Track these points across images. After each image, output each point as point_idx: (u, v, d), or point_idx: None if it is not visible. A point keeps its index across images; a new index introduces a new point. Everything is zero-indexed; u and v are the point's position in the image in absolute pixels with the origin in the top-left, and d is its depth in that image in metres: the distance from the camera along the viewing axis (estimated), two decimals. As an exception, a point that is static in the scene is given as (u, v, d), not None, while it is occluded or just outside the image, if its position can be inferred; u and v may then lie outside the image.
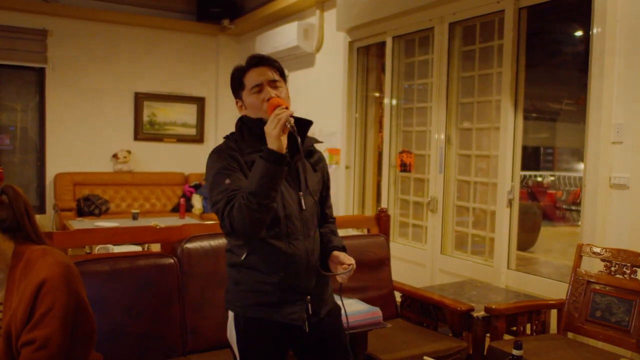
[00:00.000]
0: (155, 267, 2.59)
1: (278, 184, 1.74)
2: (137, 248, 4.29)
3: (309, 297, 1.90)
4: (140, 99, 7.52)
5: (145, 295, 2.52)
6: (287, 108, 1.79)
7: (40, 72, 6.93)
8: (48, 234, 2.56)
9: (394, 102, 4.93)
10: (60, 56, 6.97)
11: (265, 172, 1.70)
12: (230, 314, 1.94)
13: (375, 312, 2.59)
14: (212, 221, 4.18)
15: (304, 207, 1.89)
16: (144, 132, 7.60)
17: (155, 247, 4.08)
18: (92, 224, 5.41)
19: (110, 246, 3.96)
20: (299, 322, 1.88)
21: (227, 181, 1.81)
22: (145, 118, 7.60)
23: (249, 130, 1.93)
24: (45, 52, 6.88)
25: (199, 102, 7.92)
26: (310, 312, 1.91)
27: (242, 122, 1.97)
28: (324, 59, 5.92)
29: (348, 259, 1.91)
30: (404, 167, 4.78)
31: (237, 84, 1.97)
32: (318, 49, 5.98)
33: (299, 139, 1.77)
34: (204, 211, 7.11)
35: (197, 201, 7.19)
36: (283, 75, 1.99)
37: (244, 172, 1.85)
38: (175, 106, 7.79)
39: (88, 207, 6.63)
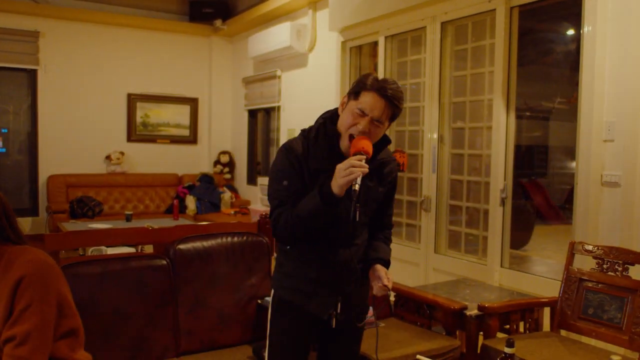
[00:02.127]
0: (147, 268, 2.58)
1: (326, 220, 1.81)
2: (131, 250, 4.28)
3: (340, 297, 1.96)
4: (133, 100, 7.50)
5: (138, 296, 2.51)
6: (368, 157, 1.79)
7: (32, 74, 6.91)
8: (40, 236, 2.55)
9: (387, 101, 4.92)
10: (52, 58, 6.95)
11: (317, 209, 1.79)
12: (272, 292, 2.06)
13: (369, 312, 2.59)
14: (206, 222, 4.18)
15: (357, 219, 1.84)
16: (137, 133, 7.58)
17: (149, 249, 4.08)
18: (85, 226, 5.39)
19: (103, 248, 3.94)
20: (324, 316, 1.96)
21: (285, 182, 1.88)
22: (138, 119, 7.58)
23: (325, 135, 1.92)
24: (37, 54, 6.86)
25: (192, 103, 7.90)
26: (339, 311, 1.96)
27: (325, 122, 1.95)
28: (317, 59, 5.92)
29: (387, 280, 1.94)
30: (397, 167, 4.78)
31: (356, 89, 1.89)
32: (311, 49, 5.99)
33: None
34: (197, 212, 7.09)
35: (190, 202, 7.18)
36: (394, 118, 1.93)
37: (304, 177, 1.88)
38: (168, 107, 7.78)
39: (81, 208, 6.60)
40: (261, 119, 7.63)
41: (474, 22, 4.11)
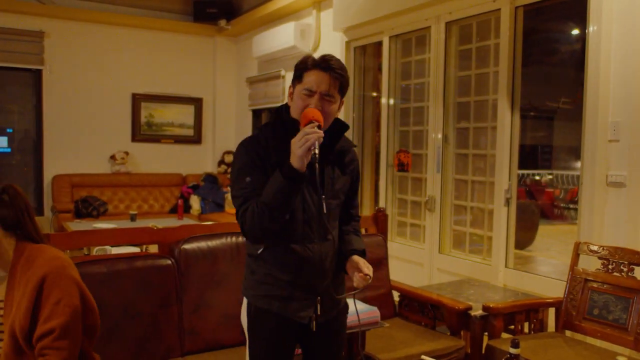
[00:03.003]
0: (153, 268, 2.59)
1: (293, 199, 1.75)
2: (135, 249, 4.29)
3: (319, 297, 1.91)
4: (137, 100, 7.51)
5: (143, 296, 2.52)
6: (320, 125, 1.74)
7: (37, 74, 6.92)
8: (46, 235, 2.56)
9: (391, 101, 4.93)
10: (57, 58, 6.96)
11: (282, 188, 1.72)
12: (245, 300, 1.99)
13: (374, 312, 2.59)
14: (210, 222, 4.17)
15: (324, 211, 1.84)
16: (141, 133, 7.59)
17: (154, 249, 4.08)
18: (90, 226, 5.40)
19: (108, 247, 3.95)
20: (305, 320, 1.90)
21: (248, 179, 1.82)
22: (143, 119, 7.59)
23: (283, 126, 1.88)
24: (42, 54, 6.87)
25: (197, 103, 7.91)
26: (319, 313, 1.91)
27: (280, 114, 1.92)
28: (321, 59, 5.91)
29: (367, 268, 1.88)
30: (402, 167, 4.79)
31: (298, 73, 1.89)
32: (315, 49, 5.98)
33: (317, 153, 1.71)
34: (202, 212, 7.10)
35: (195, 202, 7.19)
36: (343, 90, 1.90)
37: (267, 171, 1.81)
38: (173, 107, 7.79)
39: (86, 208, 6.62)
40: (265, 119, 7.64)
41: (479, 22, 4.10)
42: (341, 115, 5.44)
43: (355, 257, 1.94)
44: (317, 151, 1.69)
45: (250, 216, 1.77)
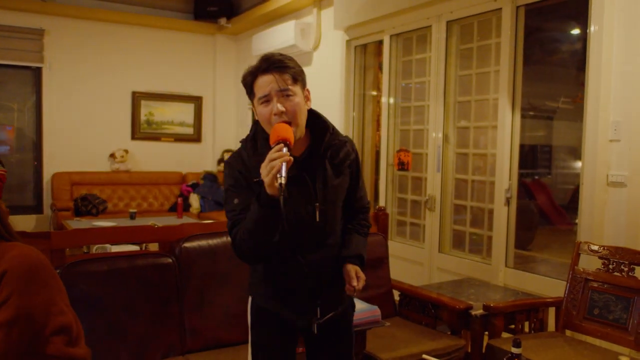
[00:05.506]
0: (153, 266, 2.58)
1: (277, 224, 1.65)
2: (135, 248, 4.29)
3: (319, 301, 1.87)
4: (137, 98, 7.50)
5: (144, 294, 2.52)
6: (290, 143, 1.63)
7: (37, 72, 6.91)
8: (45, 233, 2.55)
9: (392, 100, 4.93)
10: (57, 55, 6.95)
11: (261, 216, 1.64)
12: (249, 298, 1.98)
13: (374, 311, 2.59)
14: (210, 220, 4.17)
15: (317, 219, 1.77)
16: (141, 131, 7.59)
17: (153, 247, 4.08)
18: (89, 224, 5.40)
19: (108, 246, 3.95)
20: (304, 325, 1.89)
21: (236, 200, 1.76)
22: (143, 117, 7.58)
23: (264, 140, 1.77)
24: (42, 52, 6.87)
25: (197, 101, 7.91)
26: (319, 316, 1.87)
27: (257, 129, 1.84)
28: (322, 57, 5.91)
29: (354, 279, 1.82)
30: (402, 166, 4.78)
31: (248, 90, 1.81)
32: (315, 47, 5.98)
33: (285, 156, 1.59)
34: (201, 210, 7.10)
35: (194, 200, 7.18)
36: (297, 78, 1.77)
37: (253, 189, 1.70)
38: (173, 105, 7.78)
39: (85, 206, 6.62)
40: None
41: (480, 21, 4.10)
42: (340, 114, 5.45)
43: (349, 267, 1.86)
44: (283, 181, 1.55)
45: (238, 243, 1.74)
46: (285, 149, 1.60)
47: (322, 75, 5.84)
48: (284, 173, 1.56)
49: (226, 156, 7.94)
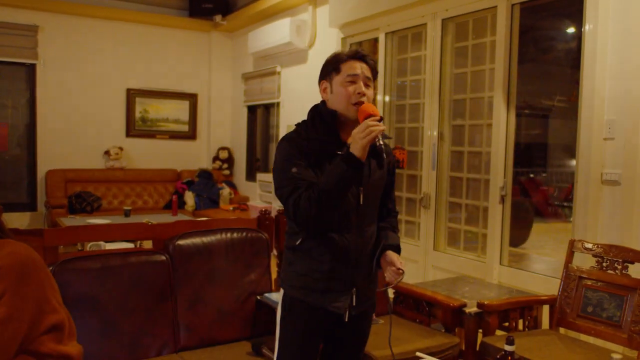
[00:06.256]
0: (147, 264, 2.57)
1: (351, 186, 1.84)
2: (130, 245, 4.27)
3: (354, 289, 1.96)
4: (132, 95, 7.48)
5: (137, 292, 2.51)
6: (380, 118, 1.83)
7: (31, 68, 6.89)
8: (40, 230, 2.54)
9: (387, 98, 4.93)
10: (51, 52, 6.92)
11: (343, 175, 1.79)
12: (281, 291, 2.04)
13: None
14: (205, 218, 4.16)
15: (361, 202, 1.93)
16: (136, 128, 7.57)
17: (148, 245, 4.07)
18: (83, 221, 5.37)
19: (102, 243, 3.94)
20: (341, 311, 1.95)
21: (294, 169, 1.87)
22: (137, 114, 7.56)
23: (322, 119, 1.96)
24: (36, 48, 6.84)
25: (192, 98, 7.89)
26: (354, 304, 1.96)
27: (316, 111, 2.00)
28: (317, 55, 5.90)
29: (400, 263, 1.94)
30: (397, 164, 4.78)
31: (331, 67, 2.00)
32: (311, 45, 5.97)
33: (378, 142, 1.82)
34: (196, 208, 7.09)
35: (189, 198, 7.17)
36: (375, 77, 2.01)
37: (310, 164, 1.89)
38: (168, 102, 7.76)
39: (80, 204, 6.60)
40: (261, 115, 7.62)
41: (475, 19, 4.10)
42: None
43: (390, 252, 1.99)
44: (381, 142, 1.81)
45: (306, 204, 1.81)
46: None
47: (318, 73, 5.82)
48: (380, 138, 1.81)
49: (221, 153, 7.95)
